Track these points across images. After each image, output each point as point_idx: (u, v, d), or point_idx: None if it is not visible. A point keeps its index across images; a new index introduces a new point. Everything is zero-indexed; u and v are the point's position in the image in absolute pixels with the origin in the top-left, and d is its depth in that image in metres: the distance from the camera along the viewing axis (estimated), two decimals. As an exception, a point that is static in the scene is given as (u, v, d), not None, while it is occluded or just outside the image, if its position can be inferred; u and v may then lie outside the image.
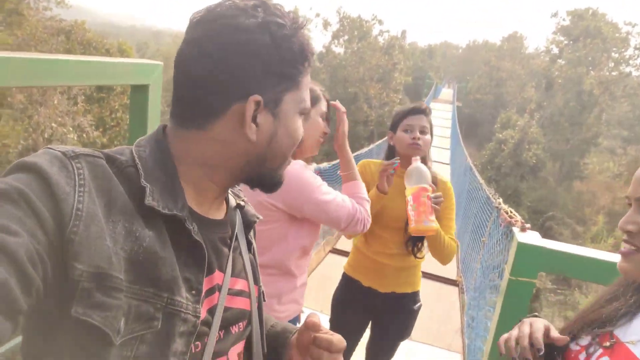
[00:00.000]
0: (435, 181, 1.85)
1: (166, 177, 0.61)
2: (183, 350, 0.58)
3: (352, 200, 1.45)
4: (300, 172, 1.37)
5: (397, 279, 1.92)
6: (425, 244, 1.90)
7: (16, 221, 0.45)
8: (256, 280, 0.79)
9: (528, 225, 1.97)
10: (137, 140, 0.64)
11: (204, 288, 0.64)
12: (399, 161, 1.69)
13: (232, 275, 0.72)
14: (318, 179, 1.42)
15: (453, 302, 4.02)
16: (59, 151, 0.53)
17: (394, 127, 1.87)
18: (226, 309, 0.69)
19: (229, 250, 0.71)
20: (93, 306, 0.48)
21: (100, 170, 0.54)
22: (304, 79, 0.67)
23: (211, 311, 0.66)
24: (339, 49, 29.14)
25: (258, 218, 0.82)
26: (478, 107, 41.52)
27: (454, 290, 4.32)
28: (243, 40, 0.60)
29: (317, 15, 29.86)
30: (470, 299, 3.68)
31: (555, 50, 33.61)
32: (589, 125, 28.94)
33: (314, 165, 4.13)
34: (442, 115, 25.17)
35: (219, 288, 0.68)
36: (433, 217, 1.60)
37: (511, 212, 2.30)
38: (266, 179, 0.70)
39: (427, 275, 4.54)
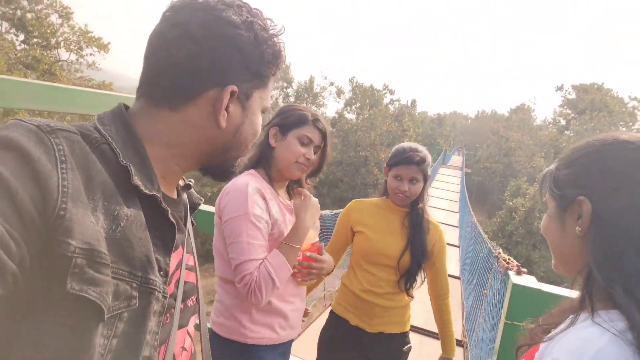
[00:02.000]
0: (427, 224, 1.90)
1: (139, 159, 0.62)
2: (155, 329, 0.59)
3: (267, 264, 1.30)
4: (248, 193, 1.34)
5: (386, 318, 1.89)
6: (418, 281, 1.91)
7: None
8: None
9: (524, 270, 1.98)
10: (98, 117, 0.64)
11: (174, 263, 0.68)
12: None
13: (186, 252, 0.75)
14: (257, 212, 1.35)
15: (457, 363, 3.86)
16: (32, 125, 0.51)
17: (389, 165, 1.90)
18: (185, 283, 0.73)
19: (185, 228, 0.75)
20: (88, 282, 0.48)
21: (78, 146, 0.53)
22: (271, 80, 0.74)
23: (176, 284, 0.69)
24: (351, 115, 30.12)
25: (201, 200, 0.85)
26: (487, 175, 41.71)
27: (459, 350, 4.15)
28: (230, 34, 0.65)
29: (332, 83, 31.27)
30: (473, 357, 3.54)
31: (563, 122, 34.30)
32: (601, 196, 28.63)
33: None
34: (451, 180, 25.31)
35: (180, 263, 0.72)
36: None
37: (509, 259, 2.31)
38: (224, 167, 0.74)
39: (431, 334, 4.38)
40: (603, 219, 0.69)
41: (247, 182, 1.37)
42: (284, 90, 29.27)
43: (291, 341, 1.56)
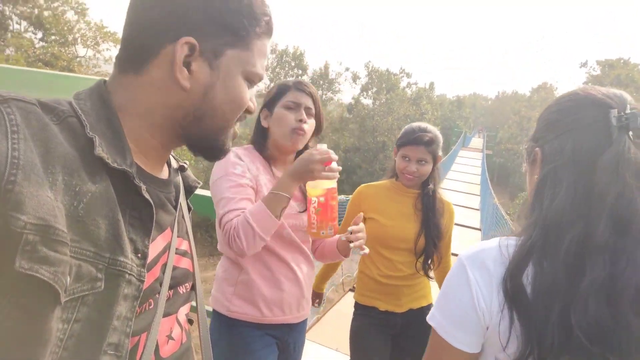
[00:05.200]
0: (441, 205, 1.87)
1: (112, 132, 0.57)
2: (128, 315, 0.55)
3: (247, 212, 1.26)
4: (229, 157, 1.39)
5: (413, 294, 1.89)
6: (436, 262, 1.89)
7: None
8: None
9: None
10: (75, 93, 0.60)
11: (159, 245, 0.64)
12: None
13: (178, 235, 0.71)
14: (237, 171, 1.37)
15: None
16: None
17: (397, 145, 1.87)
18: (174, 268, 0.68)
19: (175, 210, 0.71)
20: (40, 261, 0.44)
21: (34, 117, 0.49)
22: (256, 41, 0.64)
23: (163, 269, 0.65)
24: (367, 101, 29.86)
25: (198, 183, 0.81)
26: (509, 157, 40.86)
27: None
28: None
29: (347, 69, 31.09)
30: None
31: (587, 100, 33.16)
32: (628, 174, 27.78)
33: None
34: (472, 163, 24.93)
35: (169, 246, 0.67)
36: (335, 222, 1.36)
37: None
38: (206, 141, 0.66)
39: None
40: (545, 164, 0.77)
41: (231, 151, 1.42)
42: (299, 77, 29.15)
43: (287, 325, 1.51)
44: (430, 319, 0.80)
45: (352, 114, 28.59)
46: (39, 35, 17.38)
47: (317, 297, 2.19)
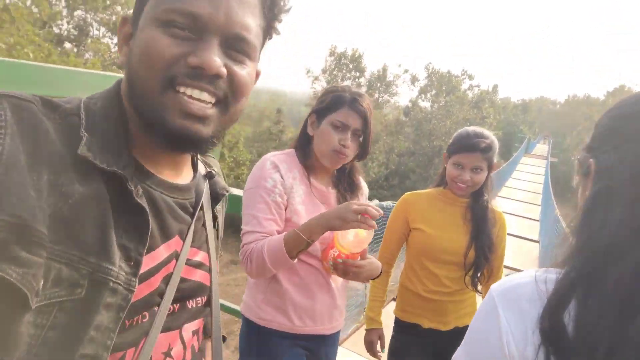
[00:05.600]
0: (493, 215, 1.77)
1: (115, 132, 0.55)
2: (110, 326, 0.51)
3: (266, 242, 1.27)
4: (264, 167, 1.36)
5: (461, 311, 1.79)
6: (485, 275, 1.77)
7: None
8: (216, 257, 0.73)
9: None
10: (92, 95, 0.59)
11: (162, 255, 0.60)
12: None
13: (193, 245, 0.66)
14: (269, 184, 1.34)
15: None
16: None
17: (450, 152, 1.75)
18: (183, 280, 0.63)
19: (192, 218, 0.66)
20: (9, 260, 0.41)
21: (27, 114, 0.47)
22: None
23: (166, 280, 0.60)
24: (425, 103, 29.24)
25: (227, 191, 0.77)
26: (578, 165, 38.33)
27: None
28: None
29: (406, 71, 30.55)
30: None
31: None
32: None
33: (375, 202, 3.99)
34: (534, 170, 23.64)
35: (177, 256, 0.62)
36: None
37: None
38: (144, 116, 0.56)
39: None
40: (598, 179, 0.66)
41: (269, 158, 1.39)
42: (357, 80, 29.09)
43: (320, 337, 1.47)
44: (455, 358, 0.74)
45: (409, 117, 28.13)
46: (115, 40, 18.73)
47: (378, 336, 1.87)
